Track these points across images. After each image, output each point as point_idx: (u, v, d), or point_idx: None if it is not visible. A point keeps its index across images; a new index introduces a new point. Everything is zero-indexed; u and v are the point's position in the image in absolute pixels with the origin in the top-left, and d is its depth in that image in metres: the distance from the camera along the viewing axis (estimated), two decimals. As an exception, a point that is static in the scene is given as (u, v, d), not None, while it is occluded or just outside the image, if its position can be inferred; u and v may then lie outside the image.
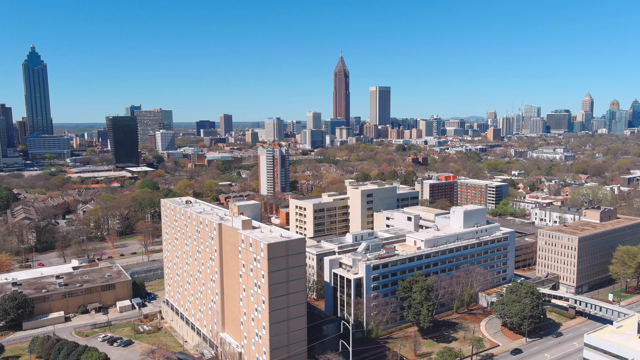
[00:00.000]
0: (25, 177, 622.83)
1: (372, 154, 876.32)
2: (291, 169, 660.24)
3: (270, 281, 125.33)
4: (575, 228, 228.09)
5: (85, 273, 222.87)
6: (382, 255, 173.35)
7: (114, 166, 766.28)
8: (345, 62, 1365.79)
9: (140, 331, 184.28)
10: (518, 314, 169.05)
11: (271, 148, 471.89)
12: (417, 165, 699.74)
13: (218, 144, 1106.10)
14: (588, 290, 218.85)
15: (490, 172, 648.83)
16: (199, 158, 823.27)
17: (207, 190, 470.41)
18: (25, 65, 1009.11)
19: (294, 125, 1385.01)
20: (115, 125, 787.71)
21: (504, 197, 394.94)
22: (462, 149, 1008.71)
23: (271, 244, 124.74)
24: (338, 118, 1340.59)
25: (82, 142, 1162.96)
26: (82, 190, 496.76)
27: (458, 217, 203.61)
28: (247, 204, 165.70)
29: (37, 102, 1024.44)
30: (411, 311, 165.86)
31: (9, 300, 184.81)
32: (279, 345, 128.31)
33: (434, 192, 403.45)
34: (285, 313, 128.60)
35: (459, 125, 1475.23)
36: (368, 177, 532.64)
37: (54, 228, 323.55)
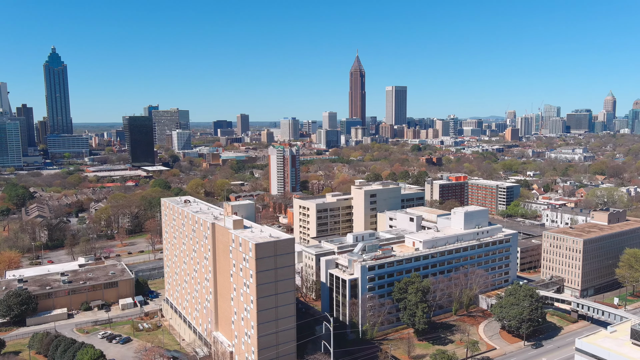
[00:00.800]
0: (43, 175, 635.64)
1: (386, 154, 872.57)
2: (304, 169, 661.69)
3: (259, 281, 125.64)
4: (582, 230, 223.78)
5: (90, 271, 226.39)
6: (378, 256, 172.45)
7: (130, 165, 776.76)
8: (361, 62, 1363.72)
9: (139, 329, 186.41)
10: (516, 317, 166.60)
11: (281, 148, 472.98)
12: (431, 165, 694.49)
13: (234, 144, 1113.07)
14: (594, 294, 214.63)
15: (505, 172, 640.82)
16: (214, 157, 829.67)
17: (219, 190, 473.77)
18: (46, 66, 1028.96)
19: (310, 125, 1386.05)
20: (132, 125, 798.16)
21: (515, 198, 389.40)
22: (478, 149, 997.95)
23: (259, 243, 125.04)
24: (354, 118, 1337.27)
25: (101, 142, 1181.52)
26: (96, 189, 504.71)
27: (458, 218, 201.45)
28: (241, 204, 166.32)
29: (58, 103, 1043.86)
30: (406, 313, 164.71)
31: (13, 296, 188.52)
32: (267, 345, 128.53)
33: (443, 193, 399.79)
34: (273, 313, 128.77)
35: (476, 125, 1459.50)
36: (379, 177, 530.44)
37: (65, 226, 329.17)
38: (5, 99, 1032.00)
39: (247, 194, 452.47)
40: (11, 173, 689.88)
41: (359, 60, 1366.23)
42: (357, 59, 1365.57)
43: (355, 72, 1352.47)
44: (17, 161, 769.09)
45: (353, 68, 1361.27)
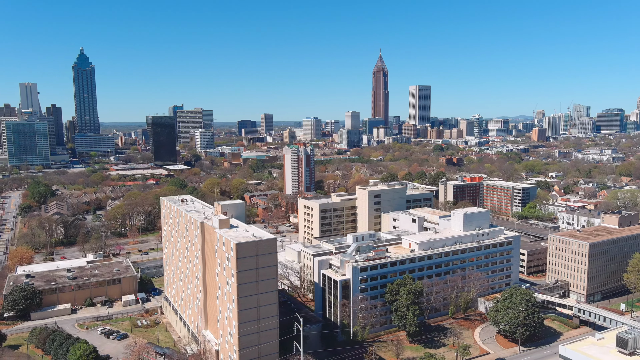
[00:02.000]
0: (69, 173, 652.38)
1: (407, 154, 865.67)
2: (322, 169, 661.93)
3: (239, 280, 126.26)
4: (589, 233, 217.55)
5: (96, 267, 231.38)
6: (370, 257, 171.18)
7: (153, 164, 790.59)
8: (384, 61, 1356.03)
9: (138, 325, 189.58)
10: (511, 322, 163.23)
11: (296, 148, 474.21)
12: (450, 166, 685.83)
13: (256, 143, 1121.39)
14: (601, 299, 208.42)
15: (527, 173, 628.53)
16: (235, 157, 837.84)
17: (234, 189, 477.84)
18: (74, 67, 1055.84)
19: (332, 125, 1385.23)
20: (155, 125, 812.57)
21: (531, 199, 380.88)
22: (502, 149, 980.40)
23: (240, 243, 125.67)
24: (376, 118, 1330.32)
25: (127, 141, 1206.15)
26: (116, 187, 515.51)
27: (458, 220, 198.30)
28: (231, 203, 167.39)
29: (86, 103, 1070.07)
30: (397, 315, 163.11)
31: (18, 291, 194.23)
32: (248, 344, 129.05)
33: (457, 194, 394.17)
34: (255, 313, 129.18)
35: (502, 125, 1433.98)
36: (395, 178, 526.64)
37: (80, 223, 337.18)
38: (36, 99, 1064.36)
39: (262, 193, 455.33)
40: (39, 171, 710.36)
41: (382, 59, 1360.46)
42: (380, 59, 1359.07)
43: (378, 72, 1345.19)
44: (45, 160, 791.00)
45: (376, 67, 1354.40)
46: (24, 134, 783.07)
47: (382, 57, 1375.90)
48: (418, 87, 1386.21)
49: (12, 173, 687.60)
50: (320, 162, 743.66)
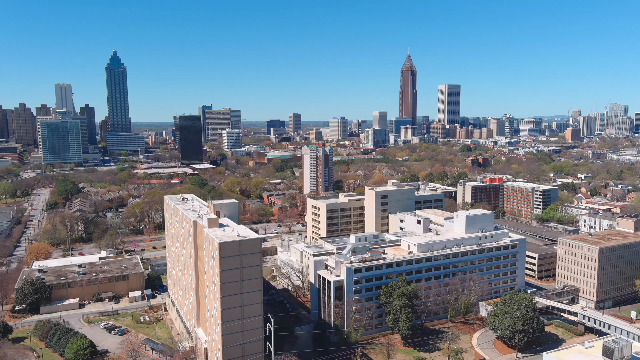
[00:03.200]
0: (98, 171, 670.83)
1: (433, 154, 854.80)
2: (344, 168, 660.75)
3: (223, 279, 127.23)
4: (602, 237, 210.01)
5: (107, 264, 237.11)
6: (366, 258, 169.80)
7: (180, 163, 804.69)
8: (412, 60, 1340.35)
9: (140, 321, 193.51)
10: (509, 327, 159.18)
11: (314, 147, 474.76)
12: (476, 166, 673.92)
13: (282, 143, 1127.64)
14: (612, 306, 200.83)
15: (555, 174, 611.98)
16: (260, 156, 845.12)
17: (254, 188, 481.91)
18: (107, 68, 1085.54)
19: (360, 125, 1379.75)
20: (182, 124, 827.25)
21: (552, 201, 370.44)
22: (532, 150, 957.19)
23: (222, 242, 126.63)
24: (404, 117, 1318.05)
25: (157, 140, 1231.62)
26: (140, 185, 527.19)
27: (460, 222, 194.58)
28: (224, 203, 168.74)
29: (118, 102, 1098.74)
30: (390, 317, 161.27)
31: (28, 285, 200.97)
32: (232, 343, 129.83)
33: (476, 195, 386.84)
34: (239, 312, 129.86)
35: (534, 124, 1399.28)
36: (416, 178, 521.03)
37: (99, 220, 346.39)
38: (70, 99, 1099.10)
39: (280, 192, 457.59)
40: (71, 169, 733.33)
41: (411, 58, 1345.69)
42: (408, 57, 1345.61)
43: (406, 71, 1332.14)
44: (77, 158, 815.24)
45: (404, 67, 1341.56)
46: (58, 133, 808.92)
47: (410, 56, 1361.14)
48: (447, 86, 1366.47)
49: (46, 171, 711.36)
50: (344, 162, 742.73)
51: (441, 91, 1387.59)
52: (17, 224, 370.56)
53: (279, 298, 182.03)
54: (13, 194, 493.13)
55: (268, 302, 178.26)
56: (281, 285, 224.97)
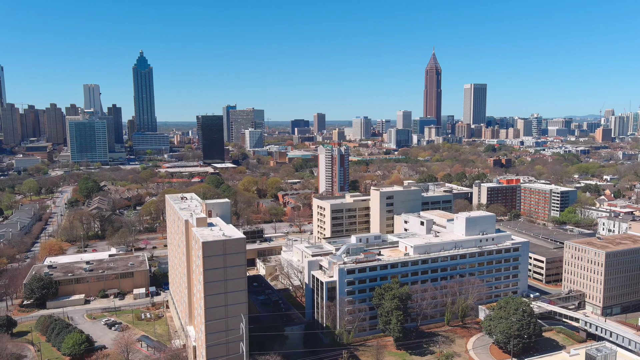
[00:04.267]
0: (122, 170, 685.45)
1: (456, 154, 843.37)
2: (363, 168, 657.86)
3: (206, 278, 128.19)
4: (610, 241, 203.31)
5: (114, 261, 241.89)
6: (359, 259, 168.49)
7: (202, 162, 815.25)
8: (437, 59, 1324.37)
9: (141, 318, 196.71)
10: (504, 332, 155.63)
11: (330, 147, 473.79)
12: (498, 167, 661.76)
13: (305, 143, 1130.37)
14: (620, 313, 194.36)
15: (580, 175, 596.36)
16: (281, 156, 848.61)
17: (270, 188, 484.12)
18: (134, 69, 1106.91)
19: (383, 124, 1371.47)
20: (204, 124, 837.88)
21: (570, 203, 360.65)
22: (560, 150, 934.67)
23: (206, 242, 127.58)
24: (428, 117, 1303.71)
25: (183, 139, 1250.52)
26: (160, 184, 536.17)
27: (460, 224, 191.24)
28: (216, 202, 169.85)
29: (144, 102, 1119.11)
30: (382, 319, 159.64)
31: (35, 281, 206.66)
32: (215, 342, 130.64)
33: (491, 196, 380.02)
34: (223, 311, 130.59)
35: (563, 124, 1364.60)
36: (434, 178, 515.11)
37: (115, 218, 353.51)
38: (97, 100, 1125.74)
39: (295, 192, 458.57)
40: (97, 168, 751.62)
41: (435, 57, 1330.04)
42: (433, 57, 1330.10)
43: (430, 70, 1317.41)
44: (103, 157, 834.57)
45: (429, 66, 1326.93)
46: (85, 132, 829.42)
47: (435, 55, 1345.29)
48: (473, 85, 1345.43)
49: (73, 169, 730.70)
50: (363, 161, 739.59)
51: (467, 90, 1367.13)
52: (38, 220, 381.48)
53: (275, 298, 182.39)
54: (38, 191, 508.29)
55: (263, 302, 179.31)
56: (283, 285, 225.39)
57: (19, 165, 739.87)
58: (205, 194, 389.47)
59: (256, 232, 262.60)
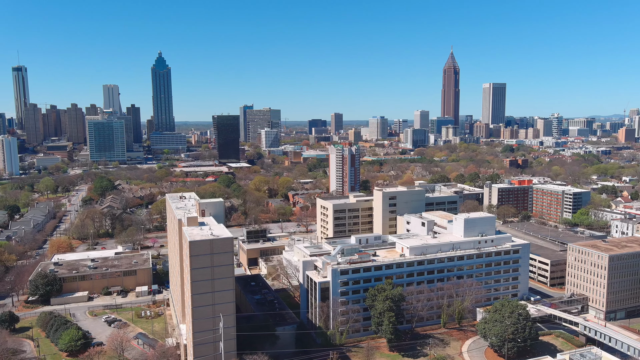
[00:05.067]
0: (139, 169, 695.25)
1: (472, 155, 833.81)
2: (376, 168, 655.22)
3: (193, 278, 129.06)
4: (616, 244, 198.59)
5: (119, 259, 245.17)
6: (353, 260, 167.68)
7: (217, 161, 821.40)
8: (455, 58, 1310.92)
9: (141, 315, 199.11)
10: (498, 335, 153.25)
11: (340, 147, 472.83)
12: (514, 167, 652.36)
13: (321, 142, 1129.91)
14: (625, 317, 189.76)
15: (599, 176, 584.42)
16: (296, 155, 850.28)
17: (281, 187, 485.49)
18: (153, 69, 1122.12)
19: (400, 124, 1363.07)
20: (220, 124, 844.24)
21: (583, 205, 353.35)
22: (580, 150, 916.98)
23: (193, 241, 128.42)
24: (445, 117, 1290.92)
25: (200, 139, 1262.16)
26: (173, 183, 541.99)
27: (458, 225, 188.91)
28: (209, 202, 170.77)
29: (162, 103, 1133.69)
30: (374, 321, 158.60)
31: (40, 277, 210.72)
32: (203, 341, 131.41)
33: (502, 197, 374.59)
34: (210, 310, 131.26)
35: (585, 124, 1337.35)
36: (446, 179, 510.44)
37: (125, 216, 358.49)
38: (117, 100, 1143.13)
39: (305, 192, 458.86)
40: (115, 167, 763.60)
41: (453, 56, 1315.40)
42: (451, 55, 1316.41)
43: (448, 69, 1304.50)
44: (121, 156, 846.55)
45: (447, 65, 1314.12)
46: (104, 132, 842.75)
47: (453, 54, 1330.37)
48: (492, 84, 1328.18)
49: (92, 168, 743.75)
50: (377, 161, 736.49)
51: (485, 90, 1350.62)
52: (52, 218, 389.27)
53: (270, 297, 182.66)
54: (55, 190, 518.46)
55: (259, 302, 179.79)
56: (284, 285, 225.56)
57: (39, 164, 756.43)
58: (214, 193, 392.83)
59: (259, 232, 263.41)
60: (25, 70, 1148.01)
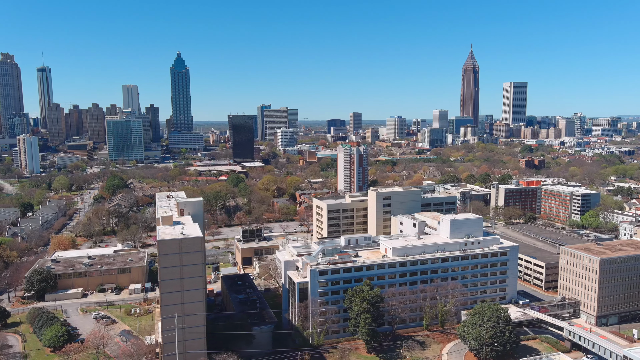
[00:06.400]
0: (155, 168, 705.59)
1: (490, 155, 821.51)
2: (388, 168, 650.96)
3: (162, 276, 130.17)
4: (610, 247, 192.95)
5: (115, 256, 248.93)
6: (333, 260, 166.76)
7: (232, 161, 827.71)
8: (475, 57, 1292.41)
9: (131, 313, 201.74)
10: (477, 339, 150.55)
11: (348, 147, 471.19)
12: (530, 168, 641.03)
13: (337, 142, 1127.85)
14: (618, 323, 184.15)
15: (617, 177, 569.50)
16: (310, 155, 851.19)
17: (289, 187, 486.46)
18: (172, 69, 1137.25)
19: (419, 124, 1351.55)
20: (235, 124, 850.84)
21: (592, 207, 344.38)
22: (602, 151, 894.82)
23: (161, 240, 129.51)
24: (465, 116, 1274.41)
25: (218, 138, 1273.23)
26: (185, 182, 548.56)
27: (444, 226, 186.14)
28: (188, 201, 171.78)
29: (181, 102, 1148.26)
30: (351, 322, 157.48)
31: (35, 274, 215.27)
32: (172, 339, 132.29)
33: (509, 198, 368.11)
34: (179, 309, 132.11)
35: (609, 124, 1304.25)
36: (456, 179, 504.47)
37: (131, 215, 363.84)
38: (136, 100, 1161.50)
39: (313, 192, 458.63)
40: (132, 166, 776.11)
41: (473, 55, 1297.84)
42: (470, 54, 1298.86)
43: (468, 68, 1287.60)
44: (139, 155, 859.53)
45: (466, 64, 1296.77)
46: (122, 131, 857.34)
47: (473, 52, 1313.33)
48: (513, 83, 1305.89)
49: (110, 167, 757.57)
50: (390, 161, 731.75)
51: (506, 89, 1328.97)
52: (62, 216, 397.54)
53: (254, 297, 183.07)
54: (69, 188, 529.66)
55: (241, 301, 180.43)
56: (276, 285, 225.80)
57: (60, 163, 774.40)
58: (219, 192, 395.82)
59: (255, 231, 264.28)
60: (49, 71, 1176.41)
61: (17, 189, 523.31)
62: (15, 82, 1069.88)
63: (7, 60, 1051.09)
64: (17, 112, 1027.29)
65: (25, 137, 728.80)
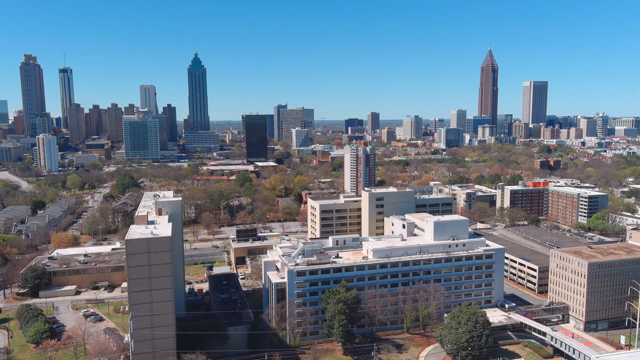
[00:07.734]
0: (169, 167, 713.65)
1: (506, 155, 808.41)
2: (399, 169, 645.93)
3: (130, 276, 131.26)
4: (601, 251, 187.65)
5: (111, 255, 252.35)
6: (311, 261, 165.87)
7: (246, 160, 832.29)
8: (493, 56, 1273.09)
9: (119, 310, 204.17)
10: (453, 342, 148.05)
11: (355, 147, 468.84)
12: (545, 169, 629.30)
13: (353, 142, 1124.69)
14: (608, 328, 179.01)
15: (636, 179, 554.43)
16: (324, 155, 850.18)
17: (296, 187, 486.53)
18: (189, 70, 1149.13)
19: (436, 123, 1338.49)
20: (248, 123, 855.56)
21: (600, 209, 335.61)
22: (623, 151, 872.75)
23: (129, 239, 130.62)
24: (483, 116, 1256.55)
25: (234, 138, 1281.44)
26: (195, 181, 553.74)
27: (429, 228, 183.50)
28: (166, 200, 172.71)
29: (198, 102, 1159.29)
30: (326, 324, 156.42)
31: (29, 271, 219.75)
32: (141, 338, 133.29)
33: (515, 200, 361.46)
34: (148, 308, 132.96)
35: (633, 124, 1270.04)
36: (465, 180, 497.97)
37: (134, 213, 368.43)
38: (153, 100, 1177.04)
39: (319, 191, 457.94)
40: (147, 165, 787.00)
41: (492, 54, 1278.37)
42: (489, 53, 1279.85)
43: (486, 67, 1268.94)
44: (155, 154, 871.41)
45: (484, 63, 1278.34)
46: (138, 131, 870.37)
47: (491, 51, 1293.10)
48: (532, 83, 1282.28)
49: (126, 166, 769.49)
50: (402, 162, 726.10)
51: (526, 88, 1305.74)
52: (71, 214, 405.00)
53: (235, 297, 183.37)
54: (82, 186, 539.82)
55: (223, 301, 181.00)
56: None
57: (78, 162, 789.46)
58: (223, 191, 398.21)
59: (249, 231, 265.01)
60: (70, 71, 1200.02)
61: (33, 187, 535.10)
62: (38, 83, 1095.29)
63: (29, 61, 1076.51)
64: (39, 112, 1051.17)
65: (45, 137, 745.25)
